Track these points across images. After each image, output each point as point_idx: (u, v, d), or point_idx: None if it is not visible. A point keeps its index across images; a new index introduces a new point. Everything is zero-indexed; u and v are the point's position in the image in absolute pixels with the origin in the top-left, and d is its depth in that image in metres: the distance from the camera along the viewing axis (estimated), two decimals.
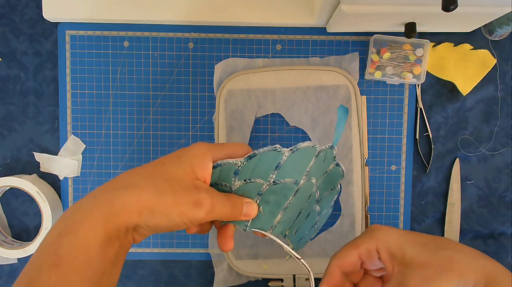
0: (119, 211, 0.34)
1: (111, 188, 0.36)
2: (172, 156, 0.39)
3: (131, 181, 0.37)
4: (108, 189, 0.36)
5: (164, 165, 0.38)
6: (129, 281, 0.59)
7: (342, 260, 0.41)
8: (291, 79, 0.56)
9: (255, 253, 0.57)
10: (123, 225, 0.35)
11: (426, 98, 0.58)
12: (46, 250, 0.33)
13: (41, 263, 0.32)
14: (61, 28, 0.57)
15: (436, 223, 0.59)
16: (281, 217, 0.42)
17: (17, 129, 0.58)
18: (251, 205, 0.41)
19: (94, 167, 0.58)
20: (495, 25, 0.55)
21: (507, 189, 0.58)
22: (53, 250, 0.33)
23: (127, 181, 0.37)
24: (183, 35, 0.57)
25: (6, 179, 0.55)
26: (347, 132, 0.56)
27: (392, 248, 0.39)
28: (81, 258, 0.33)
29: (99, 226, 0.34)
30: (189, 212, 0.36)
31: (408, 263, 0.38)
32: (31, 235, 0.59)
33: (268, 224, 0.42)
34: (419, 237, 0.39)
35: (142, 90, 0.58)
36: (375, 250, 0.40)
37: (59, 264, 0.32)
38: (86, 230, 0.33)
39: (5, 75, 0.58)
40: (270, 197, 0.41)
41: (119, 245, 0.35)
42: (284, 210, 0.42)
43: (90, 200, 0.35)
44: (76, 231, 0.33)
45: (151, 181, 0.36)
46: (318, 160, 0.43)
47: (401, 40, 0.55)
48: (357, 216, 0.56)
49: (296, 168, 0.42)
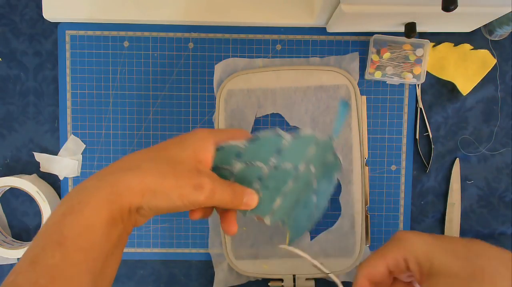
0: (123, 191, 0.35)
1: (115, 169, 0.37)
2: (174, 141, 0.40)
3: (135, 163, 0.37)
4: (112, 170, 0.37)
5: (167, 149, 0.39)
6: (129, 281, 0.59)
7: (369, 270, 0.39)
8: (291, 79, 0.56)
9: (255, 253, 0.57)
10: (127, 206, 0.35)
11: (426, 98, 0.58)
12: (50, 229, 0.33)
13: (45, 242, 0.33)
14: (61, 28, 0.57)
15: (436, 223, 0.59)
16: (280, 203, 0.43)
17: (17, 129, 0.58)
18: (252, 196, 0.41)
19: (94, 167, 0.58)
20: (495, 25, 0.55)
21: (507, 189, 0.58)
22: (57, 229, 0.33)
23: (131, 163, 0.37)
24: (183, 35, 0.57)
25: (6, 179, 0.55)
26: (347, 132, 0.56)
27: (419, 257, 0.36)
28: (85, 237, 0.33)
29: (104, 206, 0.34)
30: (190, 194, 0.36)
31: (436, 273, 0.35)
32: (31, 235, 0.59)
33: (267, 209, 0.42)
34: (449, 243, 0.36)
35: (142, 90, 0.58)
36: (402, 260, 0.37)
37: (63, 243, 0.32)
38: (90, 210, 0.33)
39: (5, 75, 0.58)
40: (270, 182, 0.42)
41: (123, 226, 0.35)
42: (283, 196, 0.43)
43: (95, 181, 0.36)
44: (80, 211, 0.33)
45: (154, 164, 0.37)
46: (318, 149, 0.43)
47: (401, 40, 0.55)
48: (357, 216, 0.56)
49: (296, 154, 0.42)
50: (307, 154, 0.43)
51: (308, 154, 0.43)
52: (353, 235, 0.56)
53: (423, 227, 0.59)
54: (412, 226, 0.59)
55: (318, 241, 0.57)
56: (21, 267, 0.32)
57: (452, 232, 0.58)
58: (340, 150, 0.56)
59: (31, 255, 0.33)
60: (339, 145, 0.56)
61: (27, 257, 0.33)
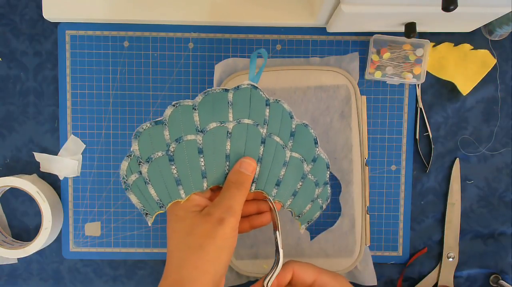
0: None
1: (172, 272, 0.41)
2: (173, 220, 0.43)
3: (178, 258, 0.41)
4: (171, 273, 0.41)
5: (175, 231, 0.42)
6: (129, 281, 0.59)
7: (300, 270, 0.45)
8: (291, 79, 0.56)
9: (255, 253, 0.57)
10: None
11: (426, 98, 0.58)
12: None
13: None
14: (61, 28, 0.57)
15: (436, 223, 0.59)
16: (259, 170, 0.44)
17: (17, 129, 0.58)
18: (244, 162, 0.43)
19: (94, 167, 0.58)
20: (495, 25, 0.55)
21: (507, 189, 0.58)
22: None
23: (176, 261, 0.41)
24: (183, 35, 0.57)
25: (6, 179, 0.55)
26: (347, 132, 0.56)
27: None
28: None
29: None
30: (224, 230, 0.40)
31: None
32: (31, 235, 0.59)
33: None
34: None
35: (142, 90, 0.58)
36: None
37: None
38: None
39: (5, 75, 0.58)
40: (239, 143, 0.44)
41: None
42: (259, 162, 0.44)
43: None
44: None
45: (185, 246, 0.41)
46: (239, 100, 0.45)
47: (401, 40, 0.55)
48: (357, 216, 0.56)
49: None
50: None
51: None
52: (353, 235, 0.56)
53: (423, 227, 0.59)
54: (412, 226, 0.59)
55: (318, 241, 0.57)
56: None
57: (452, 232, 0.58)
58: (340, 150, 0.56)
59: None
60: (339, 145, 0.56)
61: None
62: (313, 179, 0.48)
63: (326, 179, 0.49)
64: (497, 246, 0.59)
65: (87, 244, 0.58)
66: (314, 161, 0.48)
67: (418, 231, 0.59)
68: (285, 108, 0.47)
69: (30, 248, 0.56)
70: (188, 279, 0.39)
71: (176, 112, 0.44)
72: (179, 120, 0.44)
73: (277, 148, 0.45)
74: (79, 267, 0.59)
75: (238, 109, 0.45)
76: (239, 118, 0.45)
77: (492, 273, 0.59)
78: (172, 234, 0.42)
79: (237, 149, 0.44)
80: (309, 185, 0.48)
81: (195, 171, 0.43)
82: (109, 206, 0.58)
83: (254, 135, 0.45)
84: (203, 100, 0.45)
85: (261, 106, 0.46)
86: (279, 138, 0.46)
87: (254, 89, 0.45)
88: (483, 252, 0.59)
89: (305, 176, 0.47)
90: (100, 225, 0.58)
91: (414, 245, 0.59)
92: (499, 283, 0.58)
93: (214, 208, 0.41)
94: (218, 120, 0.44)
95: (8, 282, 0.59)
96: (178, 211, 0.42)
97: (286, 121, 0.47)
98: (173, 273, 0.40)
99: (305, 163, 0.47)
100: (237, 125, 0.44)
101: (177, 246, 0.41)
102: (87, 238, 0.58)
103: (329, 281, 0.44)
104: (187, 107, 0.44)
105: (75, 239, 0.58)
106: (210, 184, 0.44)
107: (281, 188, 0.46)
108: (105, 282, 0.59)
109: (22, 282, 0.59)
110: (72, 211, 0.58)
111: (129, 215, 0.58)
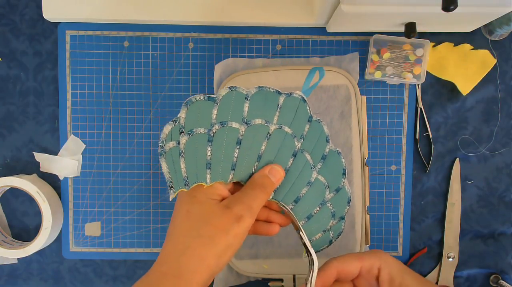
0: (191, 278, 0.37)
1: (170, 258, 0.39)
2: (188, 201, 0.41)
3: (182, 244, 0.39)
4: (168, 259, 0.39)
5: (189, 213, 0.40)
6: (129, 281, 0.59)
7: (343, 265, 0.43)
8: (291, 79, 0.56)
9: (255, 253, 0.57)
10: None
11: (426, 98, 0.58)
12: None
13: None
14: (61, 28, 0.57)
15: (436, 223, 0.59)
16: (282, 181, 0.44)
17: (17, 129, 0.58)
18: (274, 169, 0.43)
19: (94, 167, 0.58)
20: (495, 25, 0.55)
21: (507, 189, 0.58)
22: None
23: (179, 246, 0.39)
24: (183, 35, 0.57)
25: (6, 179, 0.55)
26: (347, 132, 0.56)
27: (393, 272, 0.43)
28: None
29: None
30: (240, 229, 0.39)
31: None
32: (31, 235, 0.59)
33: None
34: (415, 274, 0.44)
35: (142, 90, 0.58)
36: (377, 268, 0.43)
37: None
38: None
39: (5, 75, 0.58)
40: (274, 147, 0.43)
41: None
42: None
43: (158, 275, 0.38)
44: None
45: (196, 233, 0.39)
46: (287, 107, 0.45)
47: (401, 40, 0.55)
48: (357, 216, 0.56)
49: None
50: (275, 110, 0.44)
51: (276, 110, 0.44)
52: (353, 235, 0.56)
53: (423, 227, 0.59)
54: (412, 226, 0.59)
55: None
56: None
57: (452, 232, 0.58)
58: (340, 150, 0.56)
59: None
60: (339, 145, 0.56)
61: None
62: (331, 209, 0.46)
63: (343, 214, 0.47)
64: (497, 246, 0.59)
65: (87, 244, 0.58)
66: (338, 191, 0.47)
67: (418, 231, 0.59)
68: (324, 130, 0.46)
69: (30, 248, 0.56)
70: (187, 269, 0.37)
71: (230, 95, 0.43)
72: (230, 104, 0.43)
73: (305, 166, 0.45)
74: (79, 267, 0.59)
75: (284, 115, 0.44)
76: (282, 123, 0.44)
77: (492, 273, 0.59)
78: (182, 217, 0.40)
79: (270, 153, 0.44)
80: (326, 213, 0.46)
81: (227, 160, 0.43)
82: (109, 206, 0.58)
83: (289, 145, 0.44)
84: (257, 93, 0.44)
85: (304, 120, 0.45)
86: (310, 157, 0.45)
87: (303, 102, 0.45)
88: (483, 252, 0.59)
89: (324, 203, 0.46)
90: (100, 225, 0.58)
91: (414, 245, 0.59)
92: (499, 283, 0.58)
93: (235, 203, 0.40)
94: (265, 118, 0.44)
95: (8, 282, 0.59)
96: (198, 194, 0.41)
97: (322, 143, 0.46)
98: (171, 260, 0.38)
99: (328, 190, 0.46)
100: (278, 130, 0.44)
101: (185, 231, 0.39)
102: (87, 238, 0.58)
103: (374, 262, 0.43)
104: (240, 94, 0.44)
105: (75, 239, 0.58)
106: (235, 177, 0.43)
107: (298, 206, 0.45)
108: (105, 282, 0.59)
109: (22, 282, 0.59)
110: (72, 211, 0.58)
111: (129, 215, 0.58)
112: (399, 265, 0.43)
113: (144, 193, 0.58)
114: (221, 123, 0.43)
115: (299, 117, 0.45)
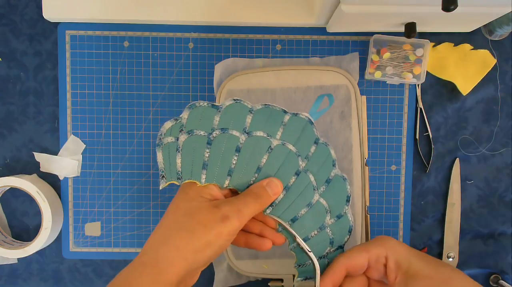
0: (166, 268, 0.37)
1: (150, 248, 0.39)
2: (180, 197, 0.42)
3: (163, 235, 0.39)
4: (148, 249, 0.39)
5: (178, 207, 0.40)
6: None
7: (350, 260, 0.43)
8: (291, 79, 0.56)
9: (255, 253, 0.57)
10: (175, 280, 0.37)
11: (426, 98, 0.58)
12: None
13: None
14: (61, 28, 0.57)
15: (436, 223, 0.59)
16: (282, 197, 0.44)
17: (17, 129, 0.58)
18: (272, 182, 0.43)
19: (94, 167, 0.58)
20: (495, 25, 0.55)
21: (507, 189, 0.58)
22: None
23: (160, 238, 0.39)
24: (183, 35, 0.57)
25: (6, 179, 0.55)
26: (347, 132, 0.56)
27: (399, 258, 0.42)
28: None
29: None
30: (223, 229, 0.39)
31: (412, 275, 0.41)
32: (31, 235, 0.59)
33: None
34: (423, 255, 0.43)
35: (142, 90, 0.58)
36: (384, 256, 0.42)
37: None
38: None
39: (5, 75, 0.58)
40: (275, 163, 0.43)
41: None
42: (285, 190, 0.43)
43: (137, 265, 0.38)
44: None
45: (179, 226, 0.39)
46: (292, 125, 0.45)
47: (401, 40, 0.55)
48: (357, 216, 0.56)
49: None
50: (279, 126, 0.45)
51: (280, 126, 0.45)
52: (353, 235, 0.56)
53: (423, 227, 0.59)
54: (412, 226, 0.59)
55: None
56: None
57: (452, 232, 0.58)
58: (340, 150, 0.56)
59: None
60: (339, 145, 0.56)
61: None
62: (330, 235, 0.45)
63: (343, 243, 0.46)
64: (497, 246, 0.59)
65: (87, 244, 0.58)
66: (339, 217, 0.46)
67: (418, 231, 0.59)
68: (331, 154, 0.46)
69: (30, 248, 0.56)
70: (164, 259, 0.37)
71: (234, 106, 0.44)
72: (233, 113, 0.44)
73: (308, 186, 0.45)
74: (79, 267, 0.59)
75: (288, 133, 0.45)
76: (285, 140, 0.44)
77: (492, 273, 0.59)
78: (171, 211, 0.41)
79: (270, 168, 0.44)
80: (324, 239, 0.45)
81: (224, 164, 0.43)
82: (109, 206, 0.58)
83: (292, 163, 0.44)
84: (262, 109, 0.45)
85: (309, 141, 0.45)
86: (314, 178, 0.45)
87: (309, 123, 0.46)
88: (483, 252, 0.59)
89: (324, 227, 0.45)
90: (100, 225, 0.58)
91: (414, 245, 0.59)
92: (499, 283, 0.58)
93: (224, 204, 0.40)
94: (267, 131, 0.44)
95: (8, 282, 0.59)
96: (190, 191, 0.42)
97: (327, 166, 0.46)
98: (150, 250, 0.39)
99: (329, 215, 0.45)
100: (280, 145, 0.44)
101: (169, 224, 0.40)
102: (87, 238, 0.58)
103: (380, 252, 0.42)
104: (245, 107, 0.45)
105: (75, 239, 0.58)
106: (231, 184, 0.43)
107: (294, 225, 0.44)
108: (105, 282, 0.59)
109: (22, 282, 0.59)
110: (72, 211, 0.58)
111: (129, 215, 0.58)
112: (405, 250, 0.42)
113: (144, 193, 0.58)
114: (222, 129, 0.43)
115: (304, 137, 0.45)
